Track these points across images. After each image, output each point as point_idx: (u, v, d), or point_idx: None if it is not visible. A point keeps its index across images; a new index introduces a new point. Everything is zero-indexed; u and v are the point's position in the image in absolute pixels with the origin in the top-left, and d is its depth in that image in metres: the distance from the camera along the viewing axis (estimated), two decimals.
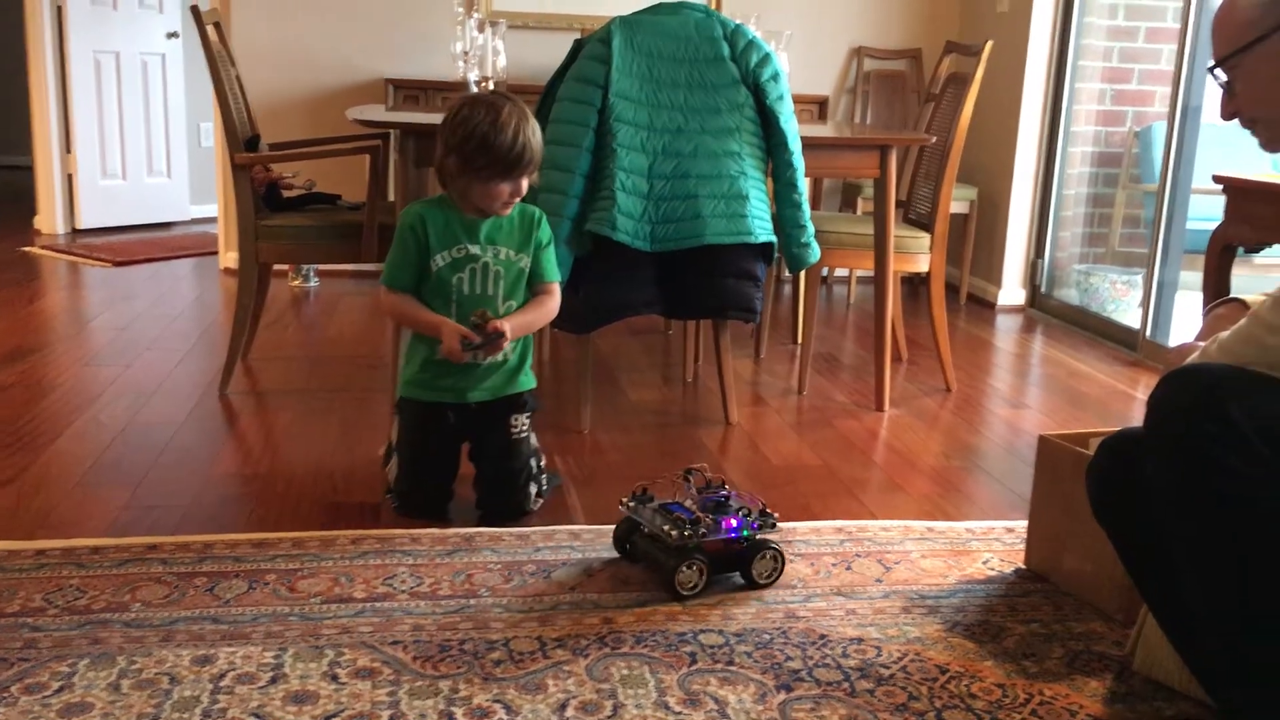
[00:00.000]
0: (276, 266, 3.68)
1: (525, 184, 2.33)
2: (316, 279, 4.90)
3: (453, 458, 2.43)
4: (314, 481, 2.60)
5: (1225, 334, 1.41)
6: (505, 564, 2.16)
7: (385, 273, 2.38)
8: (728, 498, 2.18)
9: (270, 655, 1.78)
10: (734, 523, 2.10)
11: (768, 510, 2.17)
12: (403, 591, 2.03)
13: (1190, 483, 1.37)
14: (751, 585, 2.11)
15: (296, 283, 4.84)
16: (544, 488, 2.47)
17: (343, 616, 1.93)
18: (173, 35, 6.40)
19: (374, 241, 3.19)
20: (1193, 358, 1.45)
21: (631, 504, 2.19)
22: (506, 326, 2.30)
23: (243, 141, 3.27)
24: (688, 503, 2.15)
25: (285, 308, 4.45)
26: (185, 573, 2.07)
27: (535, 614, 1.96)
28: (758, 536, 2.13)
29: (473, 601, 2.00)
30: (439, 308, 2.34)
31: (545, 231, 2.43)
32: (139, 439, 2.83)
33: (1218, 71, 1.54)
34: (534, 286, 2.44)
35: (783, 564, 2.14)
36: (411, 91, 4.79)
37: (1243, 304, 1.64)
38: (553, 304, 2.46)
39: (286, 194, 3.45)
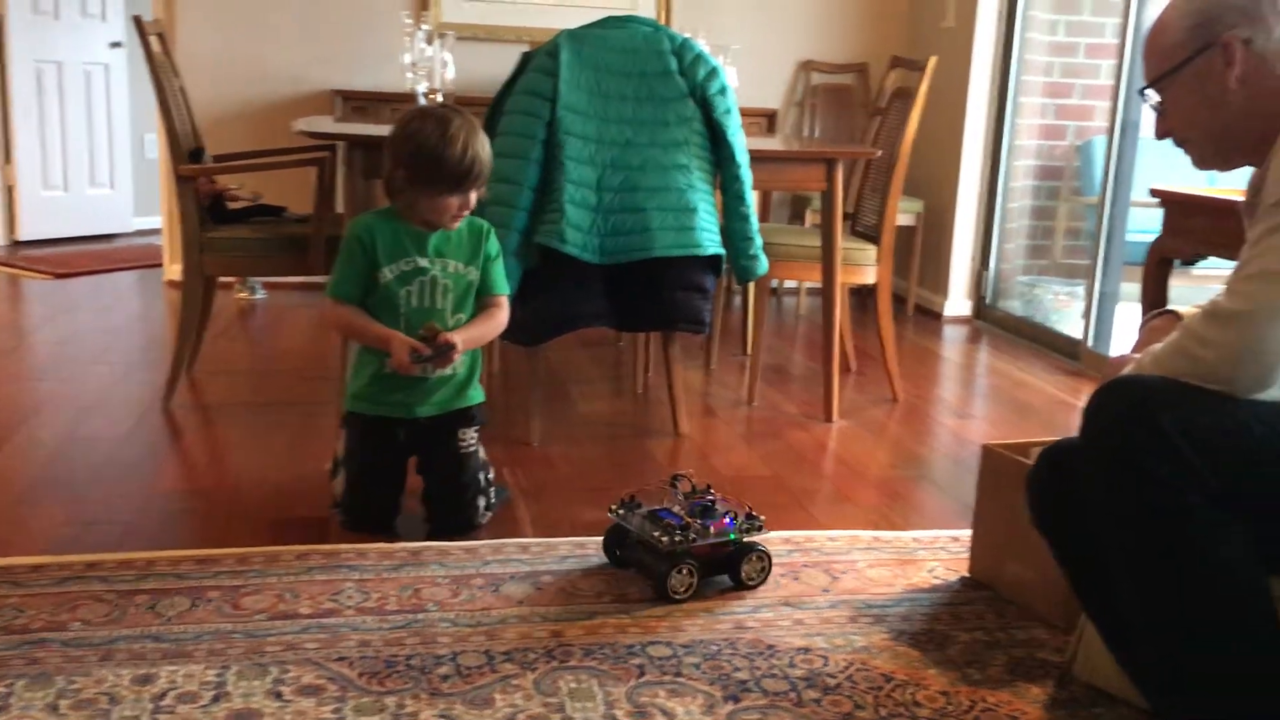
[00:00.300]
0: (222, 279, 3.65)
1: (474, 197, 2.33)
2: (263, 291, 4.85)
3: (400, 472, 2.42)
4: (259, 496, 2.57)
5: (1158, 347, 1.44)
6: (453, 578, 2.15)
7: (331, 284, 2.36)
8: (714, 502, 2.22)
9: (213, 673, 1.76)
10: (723, 525, 2.15)
11: (754, 513, 2.21)
12: (349, 607, 2.01)
13: (1124, 493, 1.39)
14: (740, 587, 2.16)
15: (242, 295, 4.79)
16: (492, 501, 2.47)
17: (287, 633, 1.91)
18: (116, 45, 6.32)
19: (321, 254, 3.17)
20: (1127, 370, 1.48)
21: (621, 511, 2.22)
22: (457, 339, 2.30)
23: (187, 153, 3.23)
24: (676, 508, 2.19)
25: (231, 320, 4.40)
26: (126, 590, 2.03)
27: (483, 628, 1.95)
28: (745, 539, 2.17)
29: (420, 616, 1.99)
30: (387, 320, 2.32)
31: (494, 244, 2.43)
32: (80, 454, 2.79)
33: (1149, 93, 1.58)
34: (483, 299, 2.43)
35: (770, 565, 2.19)
36: (359, 103, 4.77)
37: (1177, 316, 1.68)
38: (502, 317, 2.46)
39: (232, 206, 3.42)
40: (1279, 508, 1.34)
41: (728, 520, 2.17)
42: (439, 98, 3.48)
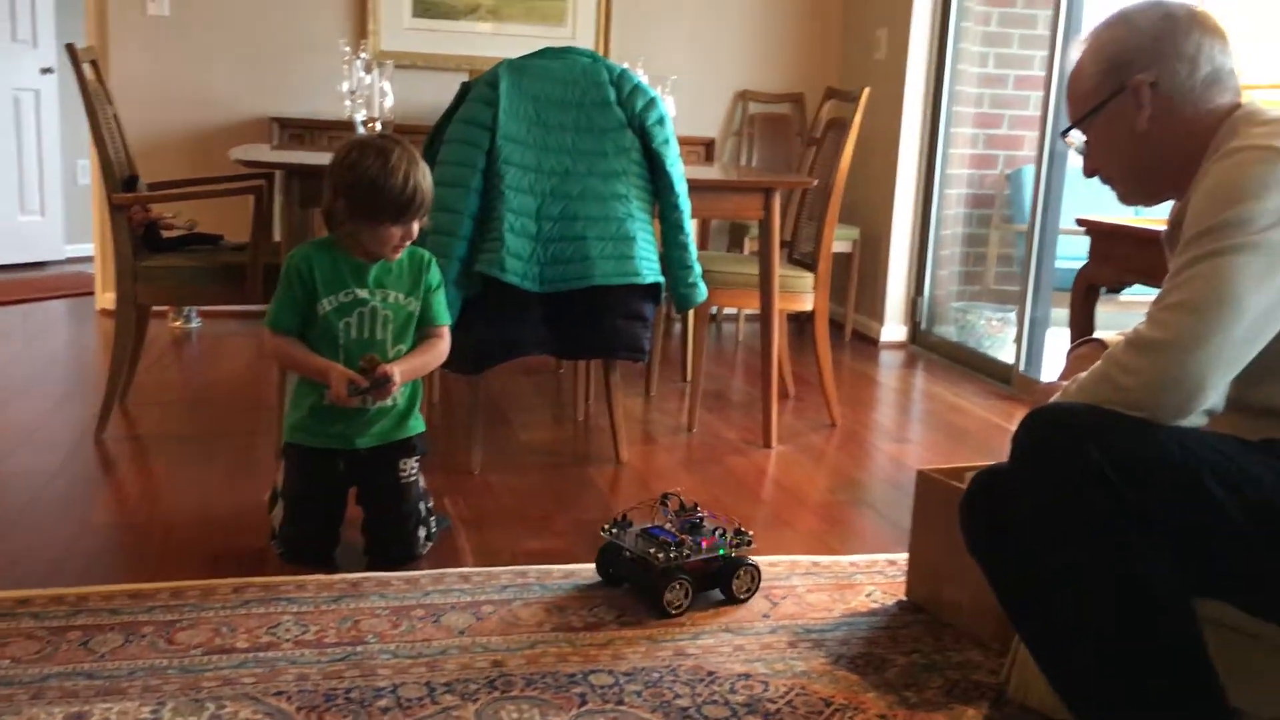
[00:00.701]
0: (156, 307, 3.60)
1: (416, 227, 2.32)
2: (198, 320, 4.79)
3: (340, 503, 2.40)
4: (195, 529, 2.53)
5: (1084, 375, 1.48)
6: (393, 609, 2.14)
7: (270, 315, 2.34)
8: (702, 519, 2.28)
9: (148, 710, 1.73)
10: (713, 542, 2.22)
11: (742, 529, 2.29)
12: (287, 640, 1.99)
13: (1051, 518, 1.43)
14: (732, 601, 2.23)
15: (177, 324, 4.72)
16: (433, 531, 2.46)
17: (224, 668, 1.88)
18: (47, 71, 6.23)
19: (258, 283, 3.14)
20: (1055, 398, 1.52)
21: (614, 530, 2.28)
22: (395, 371, 2.29)
23: (121, 181, 3.19)
24: (667, 526, 2.26)
25: (165, 349, 4.34)
26: (58, 627, 1.99)
27: (424, 659, 1.94)
28: (734, 555, 2.25)
29: (359, 648, 1.97)
30: (326, 352, 2.31)
31: (435, 274, 2.43)
32: (9, 488, 2.73)
33: (1073, 134, 1.64)
34: (424, 330, 2.42)
35: (759, 579, 2.26)
36: (297, 130, 4.74)
37: (1101, 344, 1.73)
38: (443, 347, 2.45)
39: (167, 234, 3.38)
40: (1201, 530, 1.39)
41: (718, 536, 2.24)
42: (378, 126, 3.48)
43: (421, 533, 2.41)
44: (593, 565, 2.36)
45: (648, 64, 4.12)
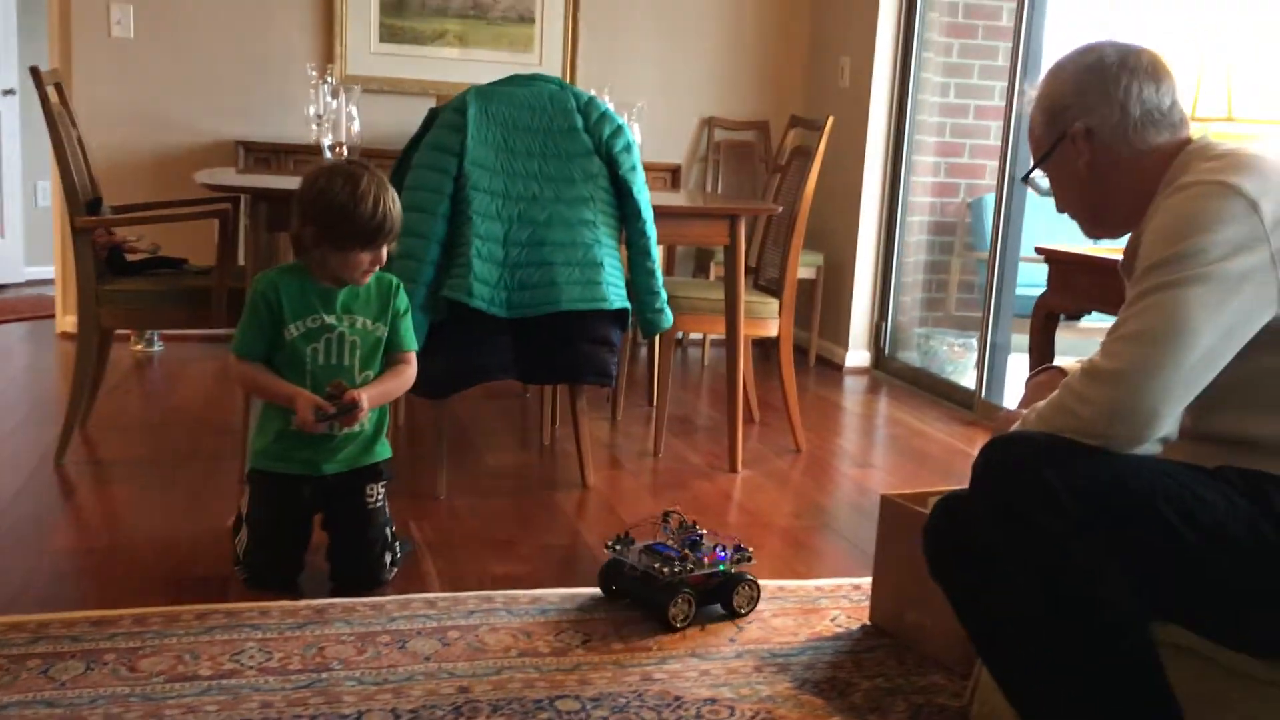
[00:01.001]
0: (118, 331, 3.57)
1: (385, 252, 2.33)
2: (160, 344, 4.75)
3: (305, 529, 2.39)
4: (157, 555, 2.51)
5: (1042, 404, 1.51)
6: (359, 635, 2.13)
7: (236, 341, 2.34)
8: (701, 537, 2.33)
9: None
10: (715, 557, 2.29)
11: (742, 545, 2.35)
12: (251, 667, 1.98)
13: (1010, 544, 1.46)
14: (733, 615, 2.30)
15: (139, 347, 4.68)
16: (397, 556, 2.45)
17: (187, 695, 1.87)
18: (9, 92, 6.18)
19: (223, 307, 3.13)
20: (1015, 426, 1.55)
21: (617, 547, 2.34)
22: (363, 397, 2.28)
23: (85, 204, 3.18)
24: (669, 542, 2.32)
25: (127, 373, 4.31)
26: (17, 655, 1.97)
27: (389, 685, 1.94)
28: (735, 570, 2.31)
29: (324, 675, 1.96)
30: (293, 378, 2.30)
31: (403, 300, 2.43)
32: None
33: (1034, 178, 1.70)
34: (391, 355, 2.43)
35: (759, 594, 2.34)
36: (263, 154, 4.73)
37: (1060, 371, 1.77)
38: (410, 373, 2.46)
39: (131, 258, 3.36)
40: (1155, 555, 1.42)
41: (719, 552, 2.30)
42: (345, 151, 3.48)
43: (387, 558, 2.41)
44: (559, 590, 2.38)
45: (614, 91, 4.16)
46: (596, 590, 2.40)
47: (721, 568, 2.29)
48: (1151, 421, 1.39)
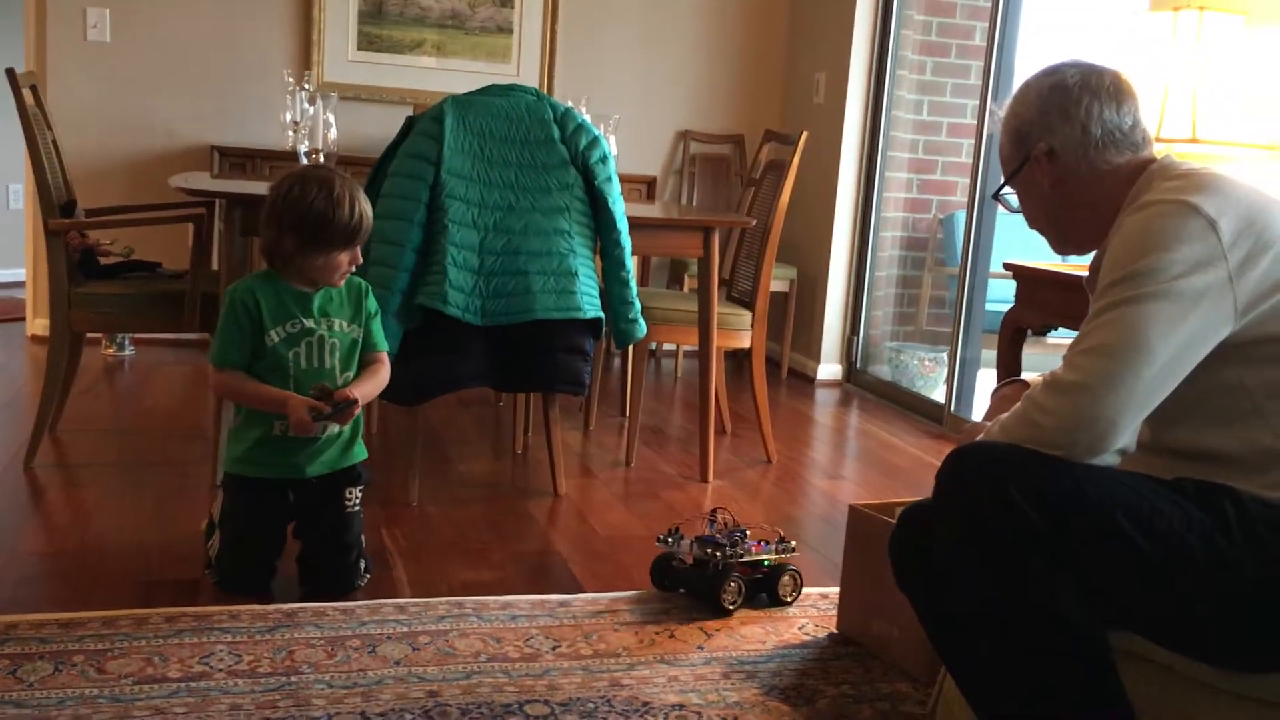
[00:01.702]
0: (90, 334, 3.56)
1: (359, 251, 2.36)
2: (132, 347, 4.73)
3: (283, 534, 2.40)
4: (127, 558, 2.51)
5: (1005, 415, 1.54)
6: (329, 639, 2.14)
7: (215, 352, 2.33)
8: (746, 533, 2.47)
9: None
10: (760, 549, 2.45)
11: (784, 538, 2.49)
12: (220, 670, 1.98)
13: (972, 553, 1.49)
14: (779, 604, 2.45)
15: (110, 351, 4.66)
16: (369, 563, 2.46)
17: (156, 698, 1.87)
18: None
19: (196, 311, 3.13)
20: (980, 437, 1.59)
21: (668, 540, 2.48)
22: (358, 394, 2.31)
23: (59, 207, 3.17)
24: (718, 536, 2.45)
25: (98, 377, 4.29)
26: None
27: (359, 689, 1.95)
28: (779, 560, 2.46)
29: (294, 679, 1.97)
30: (275, 383, 2.31)
31: (373, 302, 2.46)
32: None
33: (1004, 196, 1.74)
34: (365, 356, 2.45)
35: (802, 583, 2.47)
36: (238, 159, 4.73)
37: (1025, 384, 1.80)
38: (385, 372, 2.48)
39: (104, 261, 3.35)
40: (1112, 564, 1.45)
41: (763, 545, 2.46)
42: (321, 158, 3.49)
43: (362, 564, 2.41)
44: (530, 596, 2.40)
45: (592, 103, 4.18)
46: (567, 596, 2.42)
47: (766, 560, 2.45)
48: (1110, 433, 1.43)
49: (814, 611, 2.45)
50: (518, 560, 2.68)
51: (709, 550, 2.41)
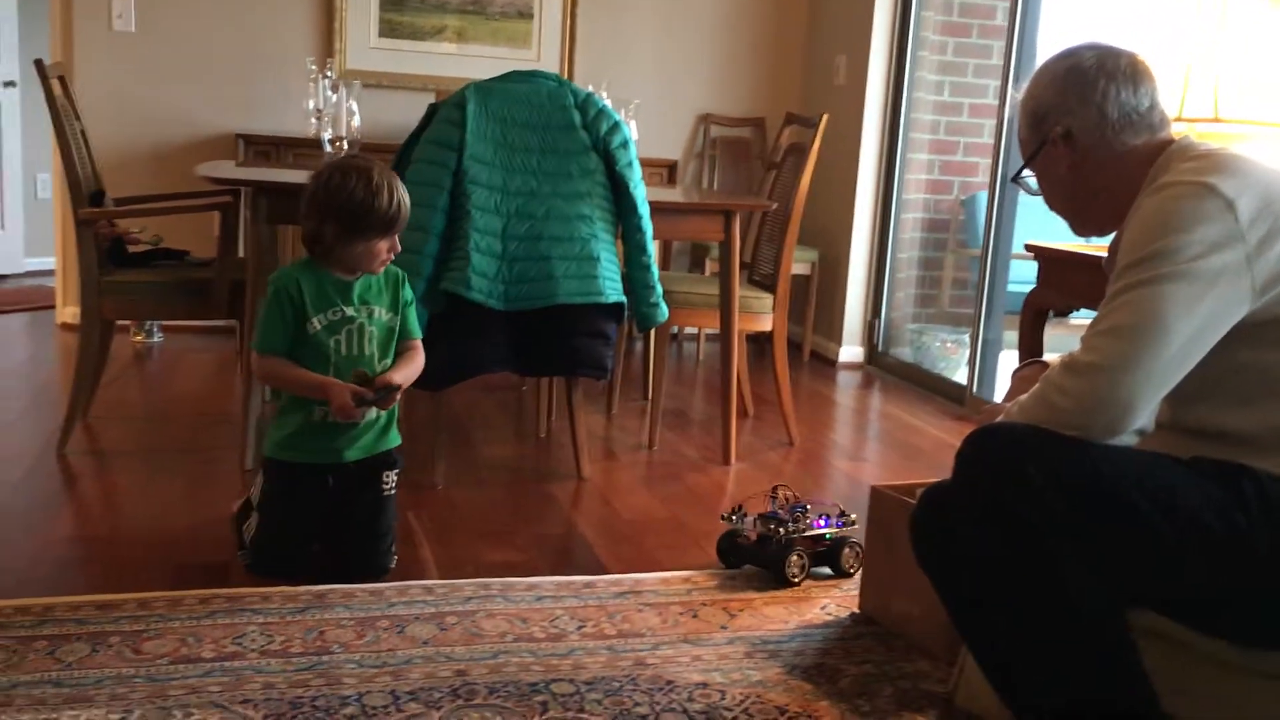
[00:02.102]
0: (119, 321, 3.61)
1: (397, 239, 2.39)
2: (160, 334, 4.79)
3: (319, 519, 2.43)
4: (159, 542, 2.56)
5: (1024, 396, 1.56)
6: (358, 620, 2.17)
7: (259, 338, 2.36)
8: (807, 508, 2.57)
9: (115, 717, 1.76)
10: (822, 521, 2.54)
11: (845, 512, 2.59)
12: (253, 650, 2.02)
13: (992, 532, 1.50)
14: (841, 575, 2.53)
15: (139, 338, 4.72)
16: (395, 545, 2.49)
17: (191, 677, 1.91)
18: (10, 84, 6.20)
19: (224, 298, 3.18)
20: (999, 418, 1.60)
21: (732, 517, 2.60)
22: (398, 378, 2.36)
23: (87, 196, 3.21)
24: (780, 512, 2.56)
25: (127, 364, 4.34)
26: (24, 636, 2.02)
27: (389, 669, 1.98)
28: (840, 534, 2.55)
29: (325, 658, 2.01)
30: (317, 369, 2.34)
31: (409, 290, 2.50)
32: None
33: (1024, 178, 1.75)
34: (402, 343, 2.49)
35: (863, 556, 2.46)
36: (263, 147, 4.77)
37: (1045, 365, 1.82)
38: (421, 359, 2.51)
39: (133, 249, 3.40)
40: (1130, 543, 1.46)
41: (824, 520, 2.55)
42: (345, 145, 3.52)
43: (393, 548, 2.45)
44: (555, 578, 2.43)
45: (612, 87, 4.20)
46: (591, 577, 2.45)
47: (828, 534, 2.54)
48: (1128, 413, 1.44)
49: (837, 592, 2.47)
50: (542, 542, 2.71)
51: (772, 526, 2.51)
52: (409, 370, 2.46)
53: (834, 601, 2.42)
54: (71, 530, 2.61)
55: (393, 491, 2.45)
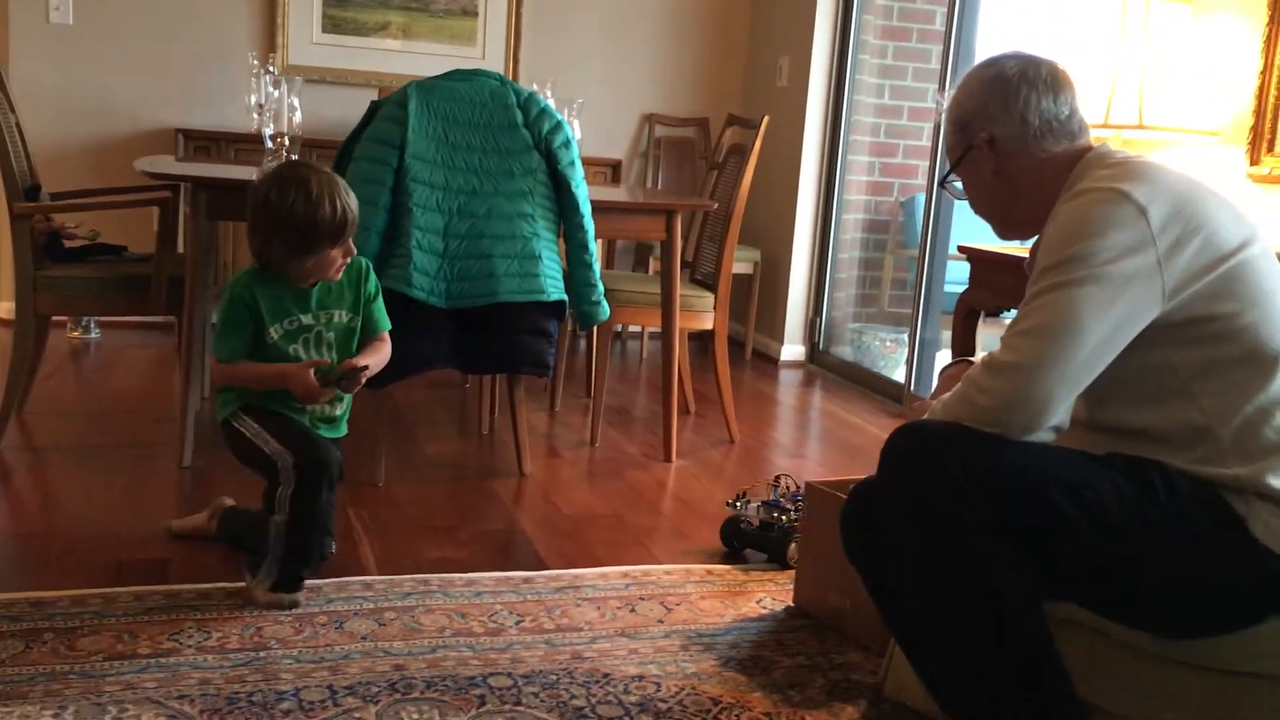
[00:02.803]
0: (55, 317, 3.56)
1: (351, 243, 2.34)
2: (97, 330, 4.73)
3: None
4: (96, 539, 2.54)
5: (948, 395, 1.61)
6: (296, 616, 2.18)
7: (218, 347, 2.31)
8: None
9: (49, 714, 1.76)
10: None
11: None
12: (189, 646, 2.02)
13: (913, 526, 1.56)
14: None
15: (76, 334, 4.66)
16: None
17: (126, 673, 1.91)
18: None
19: (162, 293, 3.15)
20: (925, 416, 1.65)
21: (736, 504, 2.74)
22: (365, 361, 2.32)
23: (23, 190, 3.18)
24: (782, 500, 2.70)
25: (64, 360, 4.29)
26: None
27: (326, 664, 2.00)
28: None
29: (262, 654, 2.02)
30: None
31: (373, 282, 2.44)
32: None
33: (950, 184, 1.80)
34: (366, 340, 2.44)
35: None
36: (203, 142, 4.73)
37: (971, 364, 1.87)
38: (387, 349, 2.47)
39: (69, 244, 3.36)
40: (1046, 536, 1.52)
41: None
42: (286, 141, 3.50)
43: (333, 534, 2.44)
44: (494, 573, 2.45)
45: (557, 86, 4.21)
46: (531, 573, 2.48)
47: None
48: (1044, 411, 1.50)
49: (773, 586, 2.52)
50: (483, 539, 2.73)
51: (774, 513, 2.65)
52: (376, 356, 2.41)
53: (770, 595, 2.46)
54: (5, 526, 2.59)
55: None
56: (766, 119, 3.76)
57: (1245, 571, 1.53)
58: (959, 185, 1.83)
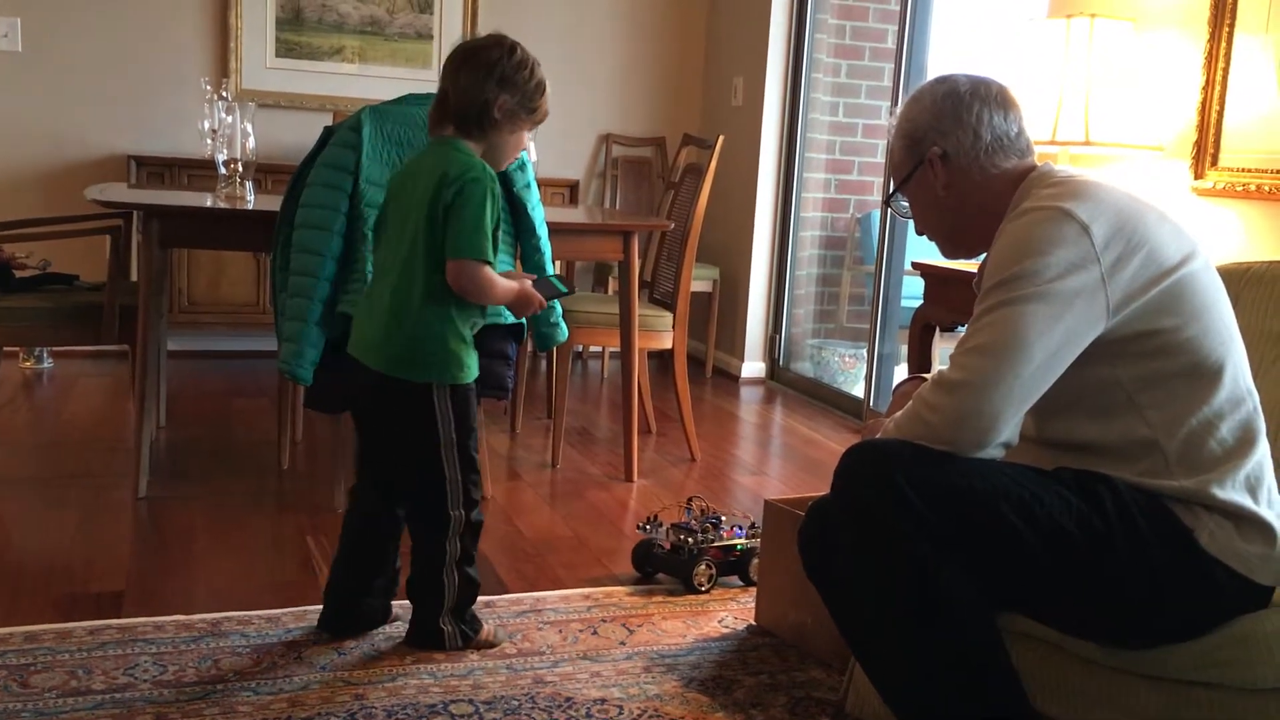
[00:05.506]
0: (7, 348, 3.52)
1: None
2: (50, 360, 4.67)
3: None
4: (48, 573, 2.50)
5: (899, 413, 1.63)
6: (255, 648, 2.16)
7: (478, 245, 2.09)
8: (721, 519, 2.68)
9: None
10: (732, 534, 2.64)
11: (755, 524, 2.66)
12: (145, 681, 2.00)
13: (866, 542, 1.57)
14: (749, 584, 2.60)
15: (28, 364, 4.60)
16: None
17: (80, 709, 1.88)
18: None
19: (115, 323, 3.12)
20: (878, 435, 1.67)
21: (647, 527, 2.69)
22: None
23: None
24: (693, 523, 2.65)
25: (15, 390, 4.23)
26: None
27: (285, 695, 1.98)
28: (750, 545, 2.63)
29: (220, 687, 1.99)
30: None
31: None
32: None
33: (896, 202, 1.81)
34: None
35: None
36: (156, 169, 4.68)
37: (924, 380, 1.89)
38: None
39: (20, 274, 3.33)
40: (997, 550, 1.54)
41: (736, 530, 2.65)
42: (239, 167, 3.49)
43: None
44: None
45: None
46: (491, 597, 2.47)
47: (740, 545, 2.62)
48: (993, 427, 1.52)
49: (734, 605, 2.52)
50: None
51: (683, 536, 2.61)
52: None
53: (731, 614, 2.47)
54: None
55: None
56: (722, 138, 3.78)
57: (1193, 582, 1.55)
58: (905, 204, 1.84)
